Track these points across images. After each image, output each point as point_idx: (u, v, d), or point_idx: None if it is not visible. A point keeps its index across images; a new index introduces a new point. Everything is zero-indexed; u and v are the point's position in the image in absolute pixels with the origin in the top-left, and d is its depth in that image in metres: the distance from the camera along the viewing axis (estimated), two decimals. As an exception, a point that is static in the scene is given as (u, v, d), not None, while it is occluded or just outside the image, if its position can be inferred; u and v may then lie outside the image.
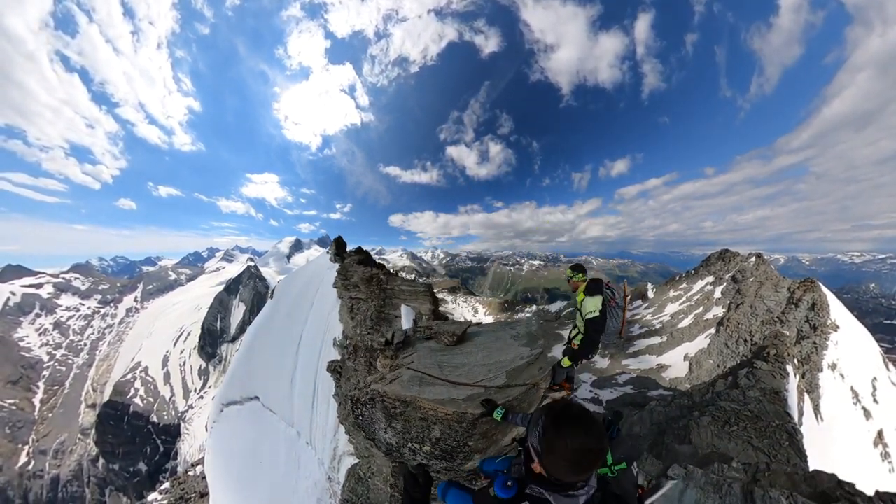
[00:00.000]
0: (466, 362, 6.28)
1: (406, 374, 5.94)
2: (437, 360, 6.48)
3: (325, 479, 9.66)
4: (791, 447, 11.42)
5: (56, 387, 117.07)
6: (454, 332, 7.23)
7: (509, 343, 7.03)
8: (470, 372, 5.86)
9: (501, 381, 5.45)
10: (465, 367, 6.10)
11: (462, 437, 4.78)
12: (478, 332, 7.89)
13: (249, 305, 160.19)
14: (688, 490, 6.14)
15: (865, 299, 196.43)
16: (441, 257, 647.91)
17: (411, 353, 6.88)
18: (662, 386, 22.66)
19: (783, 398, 13.68)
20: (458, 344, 7.15)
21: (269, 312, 16.64)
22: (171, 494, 19.76)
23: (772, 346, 17.88)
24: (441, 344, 7.22)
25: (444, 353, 6.83)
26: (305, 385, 12.09)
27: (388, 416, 5.58)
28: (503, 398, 5.07)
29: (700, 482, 6.19)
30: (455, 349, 6.96)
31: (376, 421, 5.91)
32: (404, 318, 9.91)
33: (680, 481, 6.21)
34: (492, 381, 5.46)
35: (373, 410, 6.07)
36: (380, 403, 5.78)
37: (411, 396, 5.19)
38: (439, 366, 6.20)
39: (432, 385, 5.49)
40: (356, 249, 17.43)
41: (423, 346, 7.18)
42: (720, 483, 6.14)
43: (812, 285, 22.53)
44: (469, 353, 6.73)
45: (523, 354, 6.38)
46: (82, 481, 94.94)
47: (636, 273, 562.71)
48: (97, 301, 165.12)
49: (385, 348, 7.26)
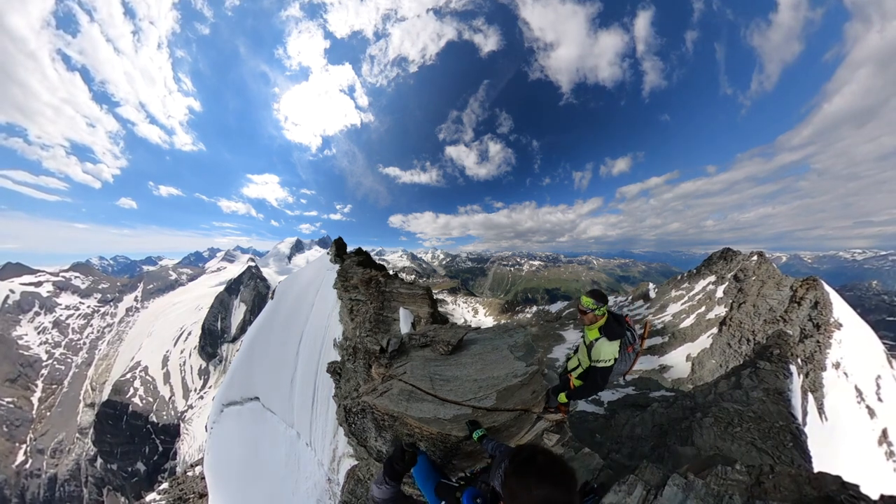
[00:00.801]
0: (458, 376, 6.08)
1: (396, 388, 5.80)
2: (429, 371, 6.29)
3: (325, 481, 9.58)
4: (795, 448, 11.32)
5: (55, 385, 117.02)
6: (449, 342, 7.00)
7: (505, 355, 6.76)
8: (460, 388, 5.67)
9: (491, 402, 5.23)
10: (456, 381, 5.90)
11: (446, 455, 4.77)
12: (474, 340, 7.63)
13: (250, 306, 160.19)
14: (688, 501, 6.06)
15: (868, 297, 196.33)
16: (441, 258, 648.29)
17: (405, 363, 6.71)
18: (664, 386, 22.57)
19: (787, 398, 13.57)
20: (453, 353, 6.94)
21: (269, 313, 16.57)
22: (169, 495, 19.66)
23: (775, 345, 17.79)
24: (436, 353, 7.02)
25: (437, 363, 6.63)
26: (305, 386, 12.02)
27: (377, 427, 5.60)
28: (489, 421, 4.95)
29: (700, 493, 6.09)
30: (450, 359, 6.75)
31: (367, 430, 5.93)
32: (403, 321, 9.80)
33: (680, 492, 6.12)
34: (481, 400, 5.27)
35: (364, 420, 6.12)
36: (370, 414, 5.77)
37: (399, 413, 5.13)
38: (431, 378, 6.01)
39: (421, 401, 5.35)
40: (356, 250, 17.36)
41: (418, 355, 6.98)
42: (721, 493, 6.08)
43: (814, 283, 22.45)
44: (463, 364, 6.52)
45: (518, 371, 6.09)
46: (80, 481, 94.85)
47: (638, 273, 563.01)
48: (97, 300, 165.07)
49: (380, 356, 7.14)
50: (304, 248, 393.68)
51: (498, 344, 7.24)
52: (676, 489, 6.16)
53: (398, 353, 7.10)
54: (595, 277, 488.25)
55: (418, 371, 6.28)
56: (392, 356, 6.98)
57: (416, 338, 7.52)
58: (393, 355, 7.00)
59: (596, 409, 20.61)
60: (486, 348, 7.07)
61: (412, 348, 7.33)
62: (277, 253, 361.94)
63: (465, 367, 6.38)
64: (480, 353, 6.86)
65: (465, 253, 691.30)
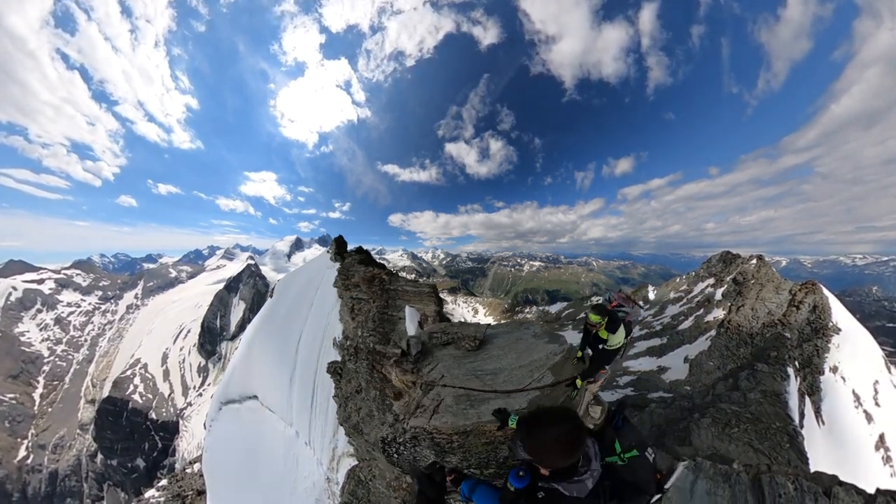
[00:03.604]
0: (502, 367, 5.76)
1: (448, 396, 5.22)
2: (468, 369, 5.87)
3: (324, 480, 9.63)
4: (792, 449, 11.37)
5: (56, 382, 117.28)
6: (475, 336, 6.61)
7: (533, 343, 6.52)
8: (512, 376, 5.41)
9: (549, 379, 5.16)
10: (503, 372, 5.58)
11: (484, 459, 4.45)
12: (494, 334, 7.34)
13: (249, 304, 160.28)
14: (698, 481, 6.23)
15: (868, 302, 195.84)
16: (441, 258, 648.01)
17: (434, 364, 6.25)
18: (662, 388, 22.60)
19: (784, 400, 13.61)
20: (479, 348, 6.58)
21: (268, 311, 16.61)
22: (168, 491, 19.73)
23: (773, 348, 17.82)
24: (462, 350, 6.60)
25: (470, 360, 6.23)
26: (304, 385, 12.05)
27: (440, 452, 4.68)
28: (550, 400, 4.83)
29: (709, 473, 6.27)
30: (480, 354, 6.40)
31: (421, 458, 4.95)
32: (409, 320, 9.58)
33: (690, 472, 6.34)
34: (540, 380, 5.16)
35: (416, 449, 4.97)
36: (427, 441, 4.80)
37: (473, 424, 4.45)
38: (476, 376, 5.59)
39: (485, 402, 4.86)
40: (357, 249, 17.38)
41: (444, 354, 6.57)
42: (729, 473, 6.32)
43: (814, 288, 22.45)
44: (497, 356, 6.20)
45: (555, 350, 5.97)
46: (80, 476, 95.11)
47: (638, 275, 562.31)
48: (98, 297, 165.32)
49: (401, 360, 6.59)
50: (303, 246, 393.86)
51: (520, 335, 7.08)
52: (687, 471, 6.39)
53: (422, 354, 6.71)
54: (595, 279, 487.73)
55: (456, 371, 5.85)
56: (417, 359, 6.56)
57: (437, 336, 7.15)
58: (418, 358, 6.58)
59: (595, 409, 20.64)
60: (510, 340, 6.89)
61: (434, 347, 7.01)
62: (277, 251, 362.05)
63: (502, 358, 6.14)
64: (508, 345, 6.63)
65: (465, 253, 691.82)
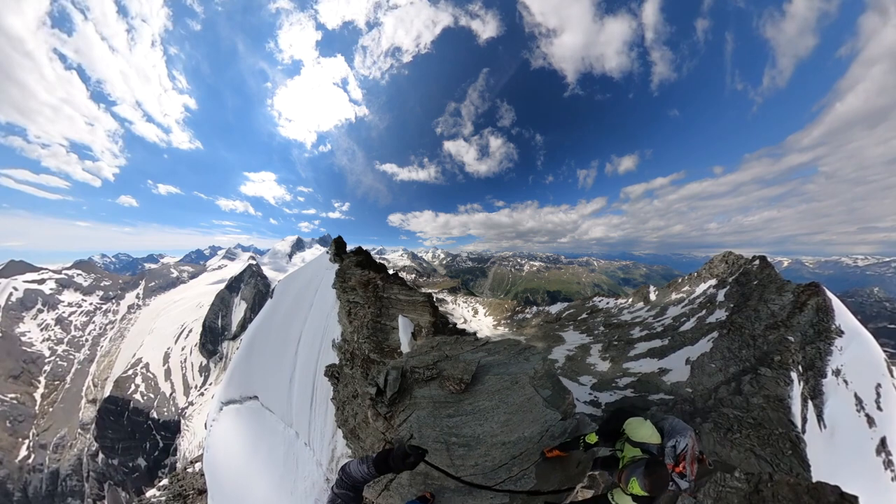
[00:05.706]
0: (481, 435, 4.94)
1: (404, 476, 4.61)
2: (443, 427, 5.16)
3: (324, 481, 9.60)
4: (794, 456, 11.29)
5: (57, 382, 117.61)
6: (461, 379, 5.90)
7: (530, 395, 5.64)
8: (488, 456, 4.60)
9: (530, 482, 4.14)
10: (481, 445, 4.79)
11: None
12: (487, 366, 6.54)
13: (250, 303, 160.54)
14: None
15: (870, 303, 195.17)
16: (441, 257, 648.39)
17: (408, 412, 5.63)
18: (663, 390, 22.48)
19: (787, 406, 13.52)
20: (465, 391, 5.90)
21: (268, 312, 16.61)
22: (169, 491, 19.71)
23: (776, 351, 17.72)
24: (445, 390, 5.94)
25: (451, 410, 5.55)
26: (304, 386, 12.05)
27: None
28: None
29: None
30: (464, 401, 5.69)
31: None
32: (402, 330, 9.37)
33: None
34: (517, 480, 4.19)
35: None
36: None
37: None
38: (446, 443, 4.84)
39: (442, 492, 4.24)
40: (356, 249, 17.36)
41: (424, 396, 5.89)
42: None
43: (817, 289, 22.34)
44: (483, 411, 5.44)
45: (551, 423, 4.98)
46: (82, 476, 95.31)
47: (640, 276, 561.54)
48: (99, 297, 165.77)
49: (376, 400, 5.98)
50: (304, 246, 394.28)
51: (517, 374, 6.17)
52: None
53: (399, 393, 6.00)
54: (596, 280, 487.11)
55: (429, 430, 5.09)
56: (392, 401, 5.89)
57: (419, 371, 6.40)
58: (393, 400, 5.91)
59: (594, 412, 20.57)
60: (504, 382, 6.00)
61: (415, 384, 6.22)
62: (278, 251, 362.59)
63: (487, 417, 5.27)
64: (500, 391, 5.78)
65: (465, 253, 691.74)
